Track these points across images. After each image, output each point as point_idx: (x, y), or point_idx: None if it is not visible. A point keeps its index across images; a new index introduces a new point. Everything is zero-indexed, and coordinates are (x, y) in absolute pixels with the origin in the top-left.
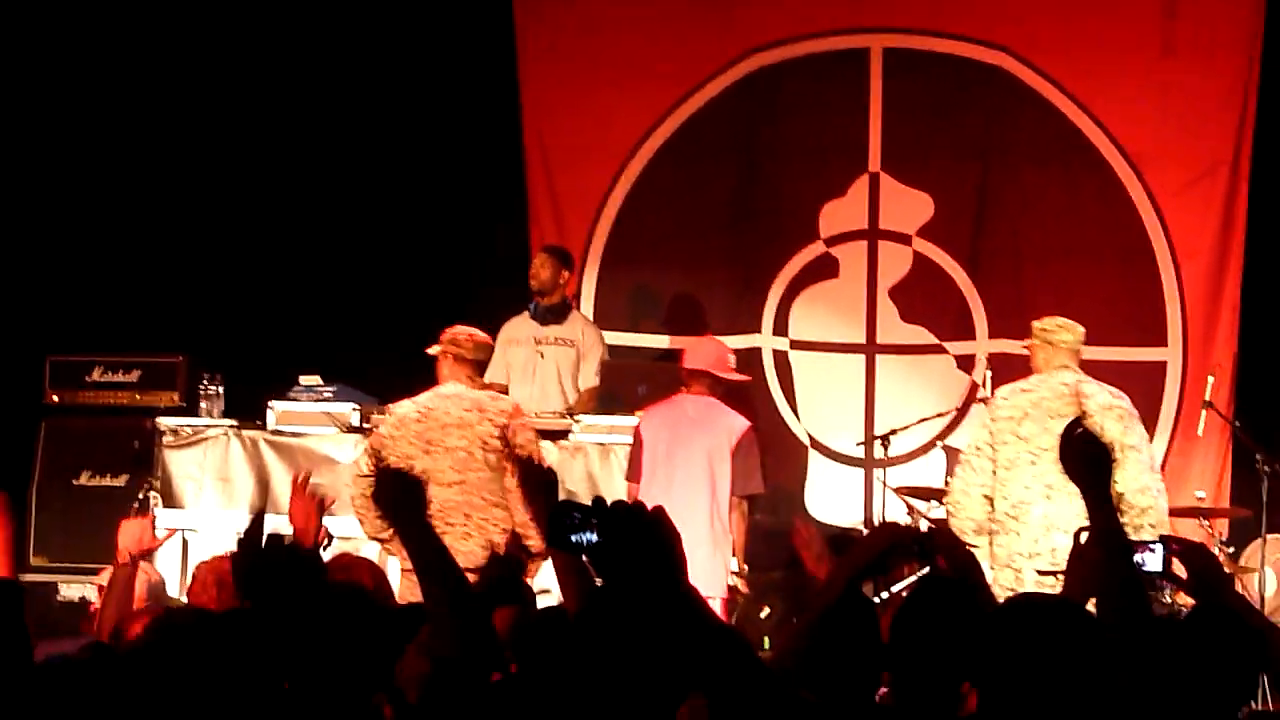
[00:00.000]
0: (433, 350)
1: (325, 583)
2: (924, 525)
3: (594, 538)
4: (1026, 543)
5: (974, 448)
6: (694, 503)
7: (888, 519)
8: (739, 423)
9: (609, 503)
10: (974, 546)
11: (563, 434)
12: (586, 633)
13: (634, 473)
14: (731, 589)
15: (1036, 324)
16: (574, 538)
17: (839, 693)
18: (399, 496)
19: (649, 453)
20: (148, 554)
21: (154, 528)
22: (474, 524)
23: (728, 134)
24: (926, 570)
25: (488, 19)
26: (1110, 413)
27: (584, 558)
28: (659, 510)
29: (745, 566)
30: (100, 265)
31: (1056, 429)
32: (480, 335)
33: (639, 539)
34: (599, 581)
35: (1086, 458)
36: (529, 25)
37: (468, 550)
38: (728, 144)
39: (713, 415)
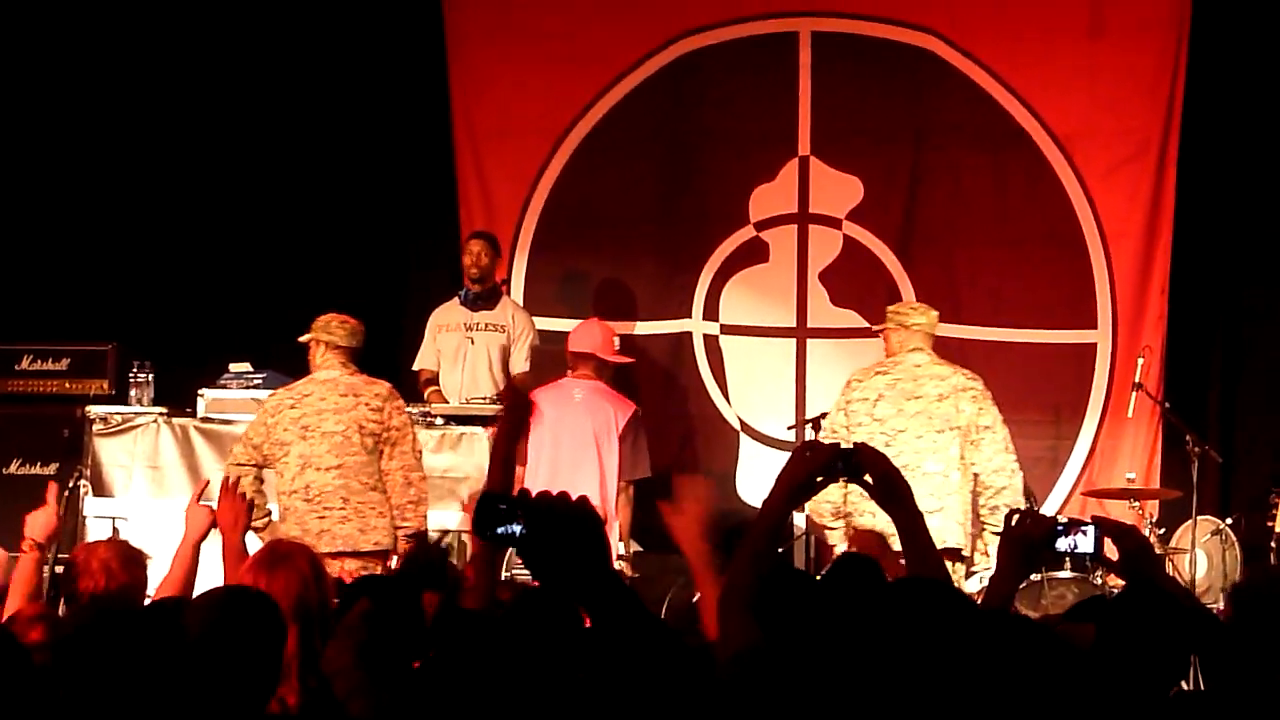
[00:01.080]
0: (305, 338)
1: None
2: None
3: (520, 529)
4: (883, 523)
5: (830, 430)
6: (581, 487)
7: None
8: (625, 407)
9: (534, 493)
10: (831, 529)
11: (493, 419)
12: (512, 628)
13: (520, 456)
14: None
15: (890, 308)
16: (500, 529)
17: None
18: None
19: (535, 436)
20: (52, 540)
21: (58, 514)
22: (351, 507)
23: (658, 118)
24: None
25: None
26: (965, 394)
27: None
28: (584, 500)
29: (632, 550)
30: (29, 253)
31: (911, 410)
32: (352, 320)
33: (565, 529)
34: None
35: (1025, 541)
36: (458, 6)
37: (346, 533)
38: (658, 128)
39: (599, 399)
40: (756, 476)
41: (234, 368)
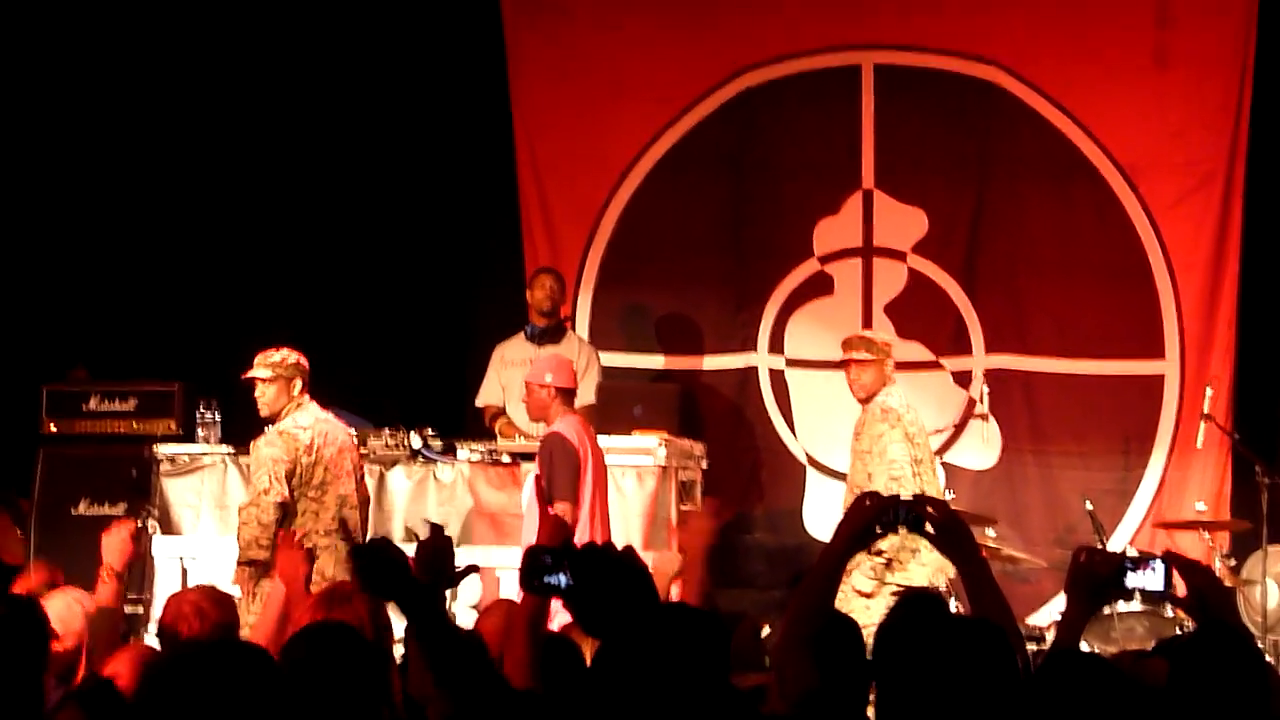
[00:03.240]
0: (261, 374)
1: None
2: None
3: (567, 580)
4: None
5: (914, 460)
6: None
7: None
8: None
9: (579, 546)
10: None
11: None
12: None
13: (575, 494)
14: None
15: (878, 339)
16: (548, 579)
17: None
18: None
19: (584, 477)
20: (132, 563)
21: (133, 536)
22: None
23: (721, 152)
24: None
25: (480, 37)
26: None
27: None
28: (629, 549)
29: None
30: (97, 295)
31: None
32: (301, 354)
33: (612, 578)
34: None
35: (1094, 579)
36: (521, 44)
37: None
38: (721, 162)
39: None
40: (823, 510)
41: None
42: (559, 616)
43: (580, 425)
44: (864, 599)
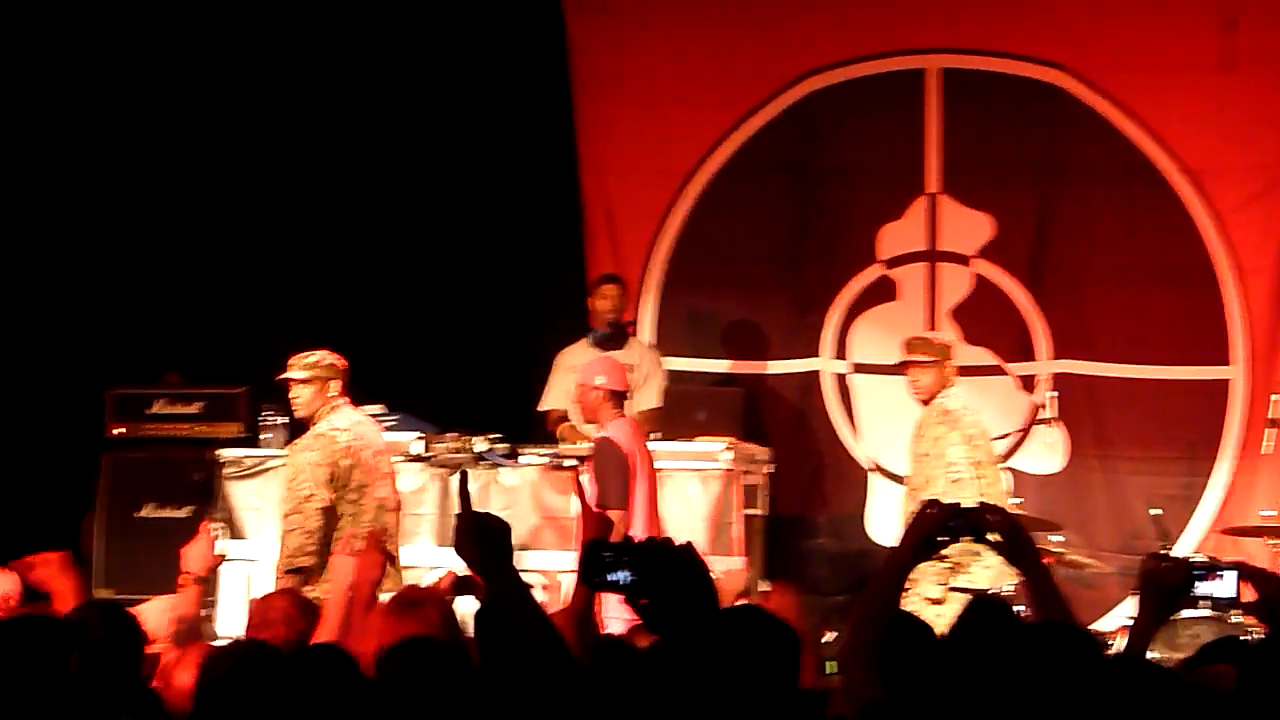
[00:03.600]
0: (296, 375)
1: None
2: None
3: (629, 576)
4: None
5: (974, 463)
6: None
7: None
8: None
9: (640, 541)
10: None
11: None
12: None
13: (626, 500)
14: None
15: (937, 341)
16: (610, 576)
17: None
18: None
19: (635, 483)
20: (212, 570)
21: (213, 546)
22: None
23: (785, 157)
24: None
25: (543, 44)
26: None
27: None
28: (689, 545)
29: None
30: (162, 297)
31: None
32: (339, 355)
33: (673, 574)
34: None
35: (1164, 588)
36: (583, 47)
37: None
38: (785, 167)
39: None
40: (886, 515)
41: (367, 410)
42: (612, 625)
43: (631, 428)
44: (935, 606)
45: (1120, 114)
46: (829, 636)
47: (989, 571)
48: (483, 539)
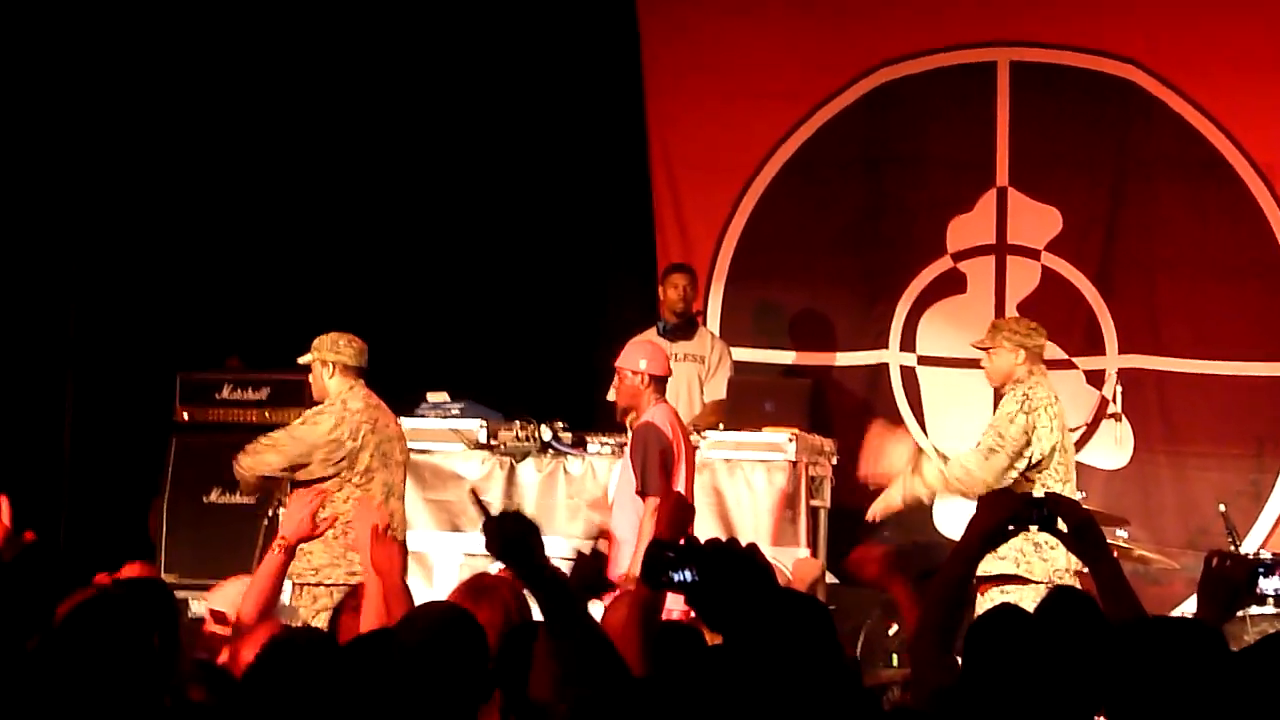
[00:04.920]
0: (310, 358)
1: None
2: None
3: (691, 576)
4: None
5: (1053, 448)
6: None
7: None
8: None
9: (703, 541)
10: None
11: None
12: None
13: (665, 488)
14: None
15: (1005, 326)
16: (673, 575)
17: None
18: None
19: (678, 470)
20: (308, 540)
21: (314, 515)
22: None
23: (854, 149)
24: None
25: (614, 33)
26: None
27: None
28: (753, 546)
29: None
30: (232, 282)
31: None
32: (357, 339)
33: (737, 575)
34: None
35: (1227, 584)
36: (654, 36)
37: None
38: (854, 159)
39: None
40: (953, 508)
41: (431, 397)
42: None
43: (672, 416)
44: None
45: (1191, 109)
46: (894, 629)
47: (1045, 565)
48: (504, 543)
